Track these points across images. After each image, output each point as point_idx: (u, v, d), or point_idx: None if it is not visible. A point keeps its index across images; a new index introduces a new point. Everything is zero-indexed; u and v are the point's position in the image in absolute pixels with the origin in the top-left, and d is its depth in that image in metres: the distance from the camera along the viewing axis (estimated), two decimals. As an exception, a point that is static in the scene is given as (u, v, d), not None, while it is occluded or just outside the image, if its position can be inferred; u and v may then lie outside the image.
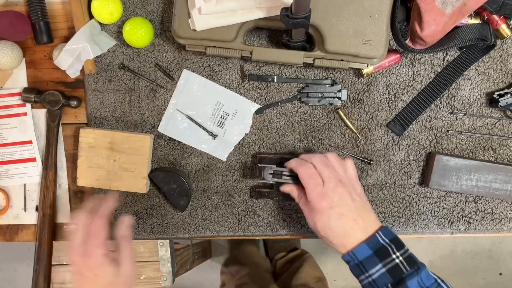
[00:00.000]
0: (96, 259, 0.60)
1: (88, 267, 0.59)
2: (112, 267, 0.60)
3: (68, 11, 0.76)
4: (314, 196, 0.62)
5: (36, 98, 0.77)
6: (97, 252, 0.60)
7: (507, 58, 0.74)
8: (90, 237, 0.61)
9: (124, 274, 0.61)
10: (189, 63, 0.77)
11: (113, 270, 0.60)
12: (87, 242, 0.61)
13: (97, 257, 0.60)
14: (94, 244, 0.61)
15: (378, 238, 0.60)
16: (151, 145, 0.78)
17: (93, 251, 0.60)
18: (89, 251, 0.60)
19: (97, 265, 0.59)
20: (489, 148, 0.77)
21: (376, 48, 0.67)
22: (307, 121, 0.78)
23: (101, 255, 0.60)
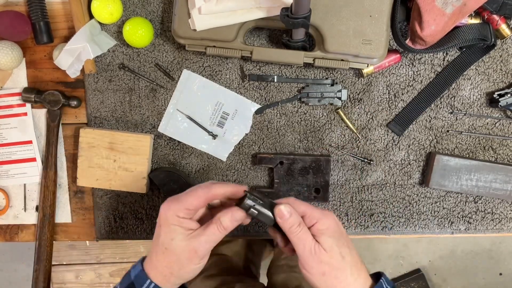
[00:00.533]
0: (171, 216, 0.52)
1: (162, 219, 0.52)
2: (182, 235, 0.51)
3: (68, 11, 0.76)
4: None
5: (36, 98, 0.77)
6: (178, 208, 0.52)
7: (507, 58, 0.74)
8: (185, 194, 0.53)
9: (188, 249, 0.51)
10: (189, 63, 0.77)
11: (181, 237, 0.51)
12: (181, 196, 0.53)
13: (173, 214, 0.52)
14: (182, 200, 0.52)
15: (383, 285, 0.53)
16: (151, 145, 0.78)
17: (176, 207, 0.52)
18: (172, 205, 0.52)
19: (168, 222, 0.52)
20: (489, 148, 0.77)
21: (376, 48, 0.67)
22: (307, 121, 0.78)
23: (177, 215, 0.52)
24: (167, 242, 0.51)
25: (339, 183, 0.79)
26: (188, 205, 0.52)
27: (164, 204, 0.53)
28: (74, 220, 0.83)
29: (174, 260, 0.51)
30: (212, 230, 0.51)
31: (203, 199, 0.52)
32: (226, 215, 0.51)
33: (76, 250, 1.50)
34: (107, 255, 1.51)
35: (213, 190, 0.53)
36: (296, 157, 0.76)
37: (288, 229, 0.51)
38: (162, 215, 0.52)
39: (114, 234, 0.82)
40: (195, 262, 0.51)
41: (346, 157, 0.78)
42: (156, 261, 0.52)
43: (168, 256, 0.51)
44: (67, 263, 1.51)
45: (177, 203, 0.52)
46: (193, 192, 0.53)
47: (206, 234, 0.51)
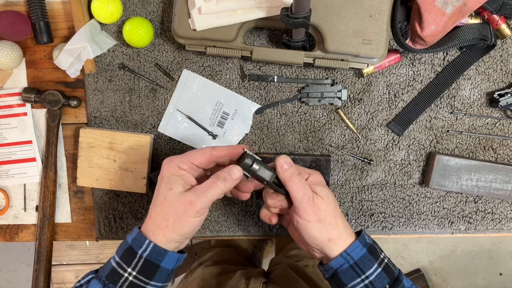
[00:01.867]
0: (173, 167, 0.52)
1: (164, 171, 0.53)
2: (181, 187, 0.52)
3: (68, 11, 0.76)
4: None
5: (36, 98, 0.77)
6: (181, 160, 0.53)
7: (507, 58, 0.74)
8: (189, 151, 0.54)
9: (186, 201, 0.51)
10: (189, 63, 0.77)
11: (180, 189, 0.51)
12: (185, 153, 0.54)
13: (175, 165, 0.52)
14: (187, 154, 0.53)
15: (366, 237, 0.56)
16: (151, 145, 0.78)
17: (179, 160, 0.53)
18: (175, 158, 0.53)
19: (170, 172, 0.52)
20: (489, 148, 0.77)
21: (376, 48, 0.67)
22: (307, 121, 0.78)
23: (178, 166, 0.52)
24: (165, 192, 0.51)
25: (339, 183, 0.79)
26: (193, 159, 0.53)
27: (167, 158, 0.54)
28: (74, 220, 0.83)
29: (171, 211, 0.51)
30: (209, 183, 0.51)
31: (208, 156, 0.53)
32: (224, 170, 0.52)
33: (76, 250, 1.50)
34: (107, 255, 1.51)
35: (217, 149, 0.54)
36: (296, 157, 0.76)
37: (288, 177, 0.54)
38: (165, 167, 0.52)
39: (114, 234, 0.82)
40: (190, 214, 0.50)
41: (346, 157, 0.78)
42: (155, 214, 0.52)
43: (166, 207, 0.51)
44: (67, 263, 1.51)
45: (181, 156, 0.53)
46: (198, 150, 0.54)
47: (203, 186, 0.51)
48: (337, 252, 0.54)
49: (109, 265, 0.53)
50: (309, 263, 1.00)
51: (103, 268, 0.54)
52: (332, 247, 0.54)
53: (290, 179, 0.54)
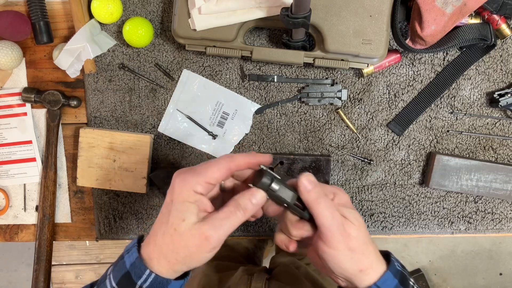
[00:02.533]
0: (188, 192, 0.44)
1: (176, 194, 0.44)
2: (195, 217, 0.44)
3: (68, 11, 0.76)
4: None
5: (36, 98, 0.77)
6: (196, 181, 0.44)
7: (507, 58, 0.74)
8: (203, 166, 0.45)
9: (198, 235, 0.43)
10: (189, 63, 0.77)
11: (194, 219, 0.43)
12: (198, 167, 0.45)
13: (190, 188, 0.44)
14: (201, 171, 0.44)
15: (395, 264, 0.50)
16: (151, 145, 0.78)
17: (194, 181, 0.44)
18: (189, 177, 0.44)
19: (183, 197, 0.44)
20: (489, 148, 0.77)
21: (376, 48, 0.67)
22: (307, 121, 0.78)
23: (194, 190, 0.44)
24: (177, 223, 0.43)
25: (339, 183, 0.79)
26: (209, 178, 0.44)
27: (179, 175, 0.45)
28: (74, 220, 0.83)
29: (182, 245, 0.43)
30: (228, 214, 0.44)
31: (226, 170, 0.45)
32: (244, 196, 0.44)
33: (76, 250, 1.51)
34: (107, 255, 1.51)
35: (236, 160, 0.45)
36: (296, 157, 0.76)
37: (314, 200, 0.45)
38: (177, 189, 0.44)
39: (114, 234, 0.82)
40: (205, 250, 0.43)
41: (346, 157, 0.78)
42: (162, 242, 0.44)
43: (177, 240, 0.43)
44: (67, 263, 1.51)
45: (195, 175, 0.44)
46: (213, 163, 0.45)
47: (220, 217, 0.43)
48: (367, 283, 0.47)
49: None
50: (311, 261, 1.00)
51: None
52: (363, 277, 0.47)
53: (316, 202, 0.45)
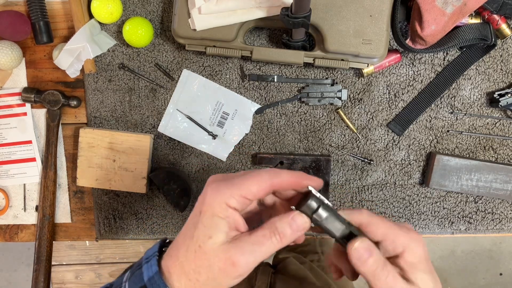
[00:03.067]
0: (219, 204, 0.38)
1: (207, 205, 0.38)
2: (224, 235, 0.37)
3: (68, 11, 0.76)
4: (407, 239, 0.39)
5: (36, 98, 0.77)
6: (231, 194, 0.38)
7: (508, 58, 0.74)
8: (241, 177, 0.39)
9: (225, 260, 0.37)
10: (189, 63, 0.77)
11: (222, 238, 0.37)
12: (236, 178, 0.39)
13: (222, 200, 0.38)
14: (238, 183, 0.38)
15: None
16: (151, 145, 0.78)
17: (229, 193, 0.38)
18: (223, 188, 0.38)
19: (213, 211, 0.38)
20: (489, 148, 0.77)
21: (376, 48, 0.67)
22: (307, 121, 0.78)
23: (227, 203, 0.38)
24: (203, 239, 0.37)
25: (339, 183, 0.79)
26: (246, 191, 0.37)
27: (212, 182, 0.39)
28: (74, 220, 0.83)
29: (206, 265, 0.37)
30: (261, 238, 0.37)
31: (267, 186, 0.38)
32: (282, 220, 0.37)
33: (76, 250, 1.51)
34: (107, 255, 1.51)
35: (281, 176, 0.39)
36: (296, 157, 0.76)
37: (369, 273, 0.37)
38: (208, 199, 0.38)
39: (114, 234, 0.82)
40: (230, 276, 0.37)
41: (346, 157, 0.78)
42: (185, 259, 0.38)
43: (200, 258, 0.38)
44: (67, 263, 1.51)
45: (231, 187, 0.38)
46: (254, 175, 0.38)
47: (252, 242, 0.37)
48: None
49: None
50: (314, 258, 1.01)
51: None
52: None
53: (373, 276, 0.37)
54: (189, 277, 0.38)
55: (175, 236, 0.81)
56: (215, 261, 0.37)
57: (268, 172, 0.39)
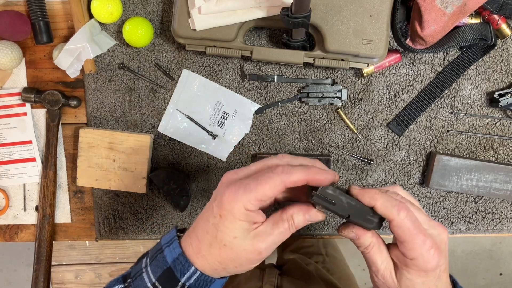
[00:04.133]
0: (239, 210, 0.41)
1: (226, 210, 0.41)
2: (247, 233, 0.42)
3: (68, 10, 0.76)
4: (423, 252, 0.41)
5: (36, 98, 0.77)
6: (248, 199, 0.41)
7: (508, 57, 0.74)
8: (256, 181, 0.41)
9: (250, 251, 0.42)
10: (189, 63, 0.77)
11: (245, 235, 0.41)
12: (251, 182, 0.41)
13: (241, 206, 0.41)
14: (254, 188, 0.41)
15: None
16: (151, 145, 0.78)
17: (246, 199, 0.41)
18: (240, 194, 0.41)
19: (234, 216, 0.41)
20: (489, 148, 0.77)
21: (376, 48, 0.67)
22: (307, 121, 0.78)
23: (245, 207, 0.41)
24: (228, 240, 0.41)
25: (339, 183, 0.79)
26: (261, 195, 0.41)
27: (228, 186, 0.42)
28: (74, 220, 0.83)
29: (232, 257, 0.42)
30: (282, 230, 0.42)
31: (281, 187, 0.41)
32: (299, 213, 0.42)
33: (76, 250, 1.51)
34: (107, 255, 1.51)
35: (293, 176, 0.41)
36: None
37: (413, 234, 0.40)
38: (226, 205, 0.41)
39: (114, 234, 0.82)
40: (255, 262, 0.43)
41: (346, 157, 0.78)
42: (208, 253, 0.42)
43: (225, 252, 0.42)
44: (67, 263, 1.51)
45: (247, 192, 0.41)
46: (267, 179, 0.41)
47: (275, 233, 0.42)
48: None
49: (143, 283, 0.44)
50: (319, 259, 1.01)
51: (135, 283, 0.45)
52: None
53: (414, 240, 0.41)
54: (214, 267, 0.43)
55: (175, 236, 0.81)
56: (242, 254, 0.42)
57: (280, 173, 0.41)
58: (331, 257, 1.06)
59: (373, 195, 0.41)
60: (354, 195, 0.42)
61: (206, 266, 0.43)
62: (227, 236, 0.41)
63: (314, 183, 0.42)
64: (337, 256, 1.09)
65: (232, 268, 0.43)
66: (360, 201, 0.42)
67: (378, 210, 0.41)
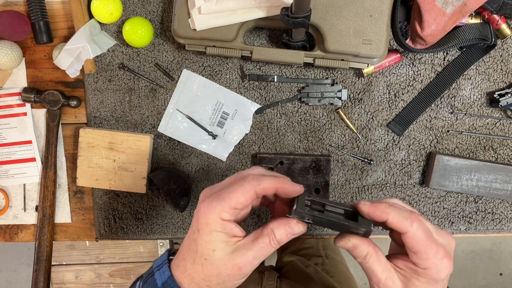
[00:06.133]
0: (214, 220, 0.41)
1: (202, 222, 0.42)
2: (225, 245, 0.42)
3: (68, 10, 0.76)
4: (437, 262, 0.41)
5: (36, 98, 0.77)
6: (221, 208, 0.41)
7: (508, 57, 0.74)
8: (227, 189, 0.42)
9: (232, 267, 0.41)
10: (189, 63, 0.77)
11: (224, 248, 0.42)
12: (223, 192, 0.42)
13: (216, 216, 0.41)
14: (226, 196, 0.41)
15: None
16: (151, 145, 0.78)
17: (220, 208, 0.41)
18: (214, 204, 0.42)
19: (210, 227, 0.41)
20: (489, 148, 0.77)
21: (376, 48, 0.67)
22: (307, 121, 0.78)
23: (220, 217, 0.41)
24: (207, 253, 0.42)
25: (339, 183, 0.79)
26: (234, 203, 0.41)
27: (203, 200, 0.43)
28: (74, 220, 0.83)
29: (214, 274, 0.42)
30: (263, 245, 0.41)
31: (252, 194, 0.42)
32: (280, 227, 0.42)
33: (76, 250, 1.50)
34: (107, 255, 1.51)
35: (263, 183, 0.42)
36: (296, 157, 0.76)
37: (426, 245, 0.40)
38: (202, 218, 0.42)
39: (114, 234, 0.82)
40: (237, 279, 0.42)
41: (346, 157, 0.78)
42: (193, 271, 0.43)
43: (207, 268, 0.42)
44: (67, 263, 1.51)
45: (220, 202, 0.41)
46: (238, 187, 0.42)
47: (255, 249, 0.41)
48: None
49: None
50: (318, 261, 1.01)
51: None
52: None
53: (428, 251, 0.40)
54: (200, 285, 0.43)
55: (175, 236, 0.81)
56: (223, 269, 0.41)
57: (250, 180, 0.42)
58: (331, 259, 1.06)
59: (383, 210, 0.40)
60: (365, 214, 0.41)
61: (193, 286, 0.43)
62: (206, 250, 0.42)
63: (283, 191, 0.42)
64: (336, 258, 1.09)
65: (216, 285, 0.43)
66: (371, 217, 0.41)
67: (389, 224, 0.40)
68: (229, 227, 0.42)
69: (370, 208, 0.41)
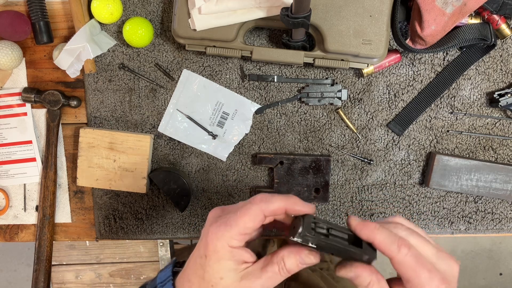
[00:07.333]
0: (223, 248, 0.40)
1: (210, 250, 0.40)
2: (233, 273, 0.40)
3: (68, 11, 0.76)
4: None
5: (36, 98, 0.77)
6: (230, 236, 0.40)
7: (507, 58, 0.74)
8: (235, 214, 0.41)
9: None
10: (189, 63, 0.77)
11: (233, 276, 0.40)
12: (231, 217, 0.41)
13: (225, 244, 0.40)
14: (233, 222, 0.40)
15: None
16: (151, 145, 0.78)
17: (228, 236, 0.40)
18: (221, 231, 0.40)
19: (218, 255, 0.40)
20: (489, 148, 0.77)
21: (376, 48, 0.67)
22: (307, 121, 0.78)
23: (229, 245, 0.40)
24: (215, 281, 0.40)
25: (339, 183, 0.79)
26: (242, 229, 0.40)
27: (212, 227, 0.41)
28: (74, 220, 0.83)
29: None
30: (271, 274, 0.40)
31: (261, 218, 0.41)
32: (291, 256, 0.40)
33: (76, 250, 1.50)
34: (107, 255, 1.51)
35: (271, 205, 0.41)
36: (296, 157, 0.76)
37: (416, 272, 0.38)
38: (210, 245, 0.40)
39: (114, 234, 0.82)
40: None
41: (346, 157, 0.78)
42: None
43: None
44: (67, 263, 1.51)
45: (228, 228, 0.40)
46: (246, 211, 0.40)
47: (264, 277, 0.40)
48: None
49: None
50: (324, 266, 1.01)
51: None
52: None
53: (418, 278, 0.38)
54: None
55: (175, 235, 0.81)
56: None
57: (258, 203, 0.40)
58: None
59: (372, 230, 0.39)
60: (352, 228, 0.40)
61: None
62: (214, 278, 0.40)
63: (293, 212, 0.41)
64: None
65: None
66: (358, 235, 0.40)
67: (376, 246, 0.39)
68: (238, 254, 0.40)
69: (358, 225, 0.40)
